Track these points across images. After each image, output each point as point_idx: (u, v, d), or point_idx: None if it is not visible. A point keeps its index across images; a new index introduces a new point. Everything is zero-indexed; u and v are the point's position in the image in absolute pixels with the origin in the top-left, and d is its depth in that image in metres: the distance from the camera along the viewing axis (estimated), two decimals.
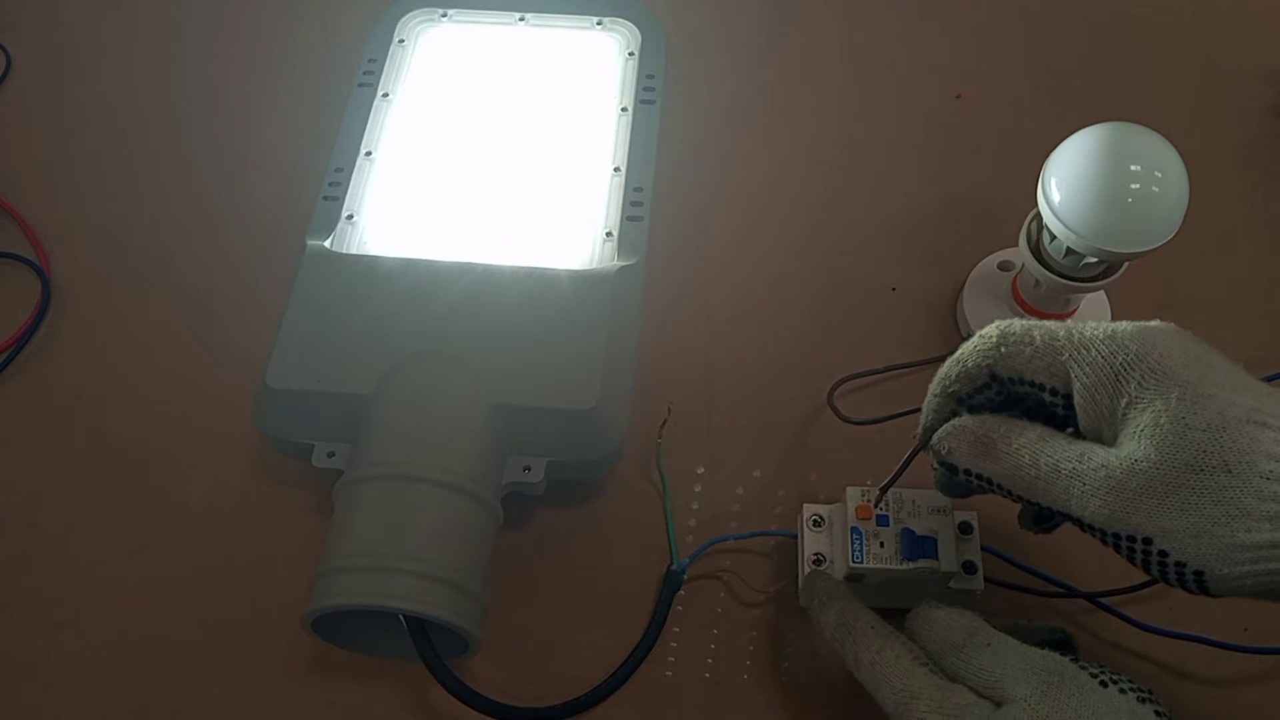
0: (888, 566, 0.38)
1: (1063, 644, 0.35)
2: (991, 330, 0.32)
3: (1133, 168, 0.39)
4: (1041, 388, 0.31)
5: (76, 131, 0.59)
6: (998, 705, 0.31)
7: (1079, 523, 0.30)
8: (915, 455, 0.36)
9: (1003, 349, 0.32)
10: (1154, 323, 0.31)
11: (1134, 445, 0.29)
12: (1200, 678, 0.42)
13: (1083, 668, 0.31)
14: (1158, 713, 0.30)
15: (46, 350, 0.51)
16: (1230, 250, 0.54)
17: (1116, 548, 0.29)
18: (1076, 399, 0.30)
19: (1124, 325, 0.30)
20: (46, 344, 0.52)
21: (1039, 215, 0.43)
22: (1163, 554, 0.28)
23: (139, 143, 0.59)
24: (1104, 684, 0.31)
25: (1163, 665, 0.42)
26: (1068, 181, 0.40)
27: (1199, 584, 0.28)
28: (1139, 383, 0.29)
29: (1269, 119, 0.59)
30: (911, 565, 0.38)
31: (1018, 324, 0.32)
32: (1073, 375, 0.30)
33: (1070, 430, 0.32)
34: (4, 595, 0.44)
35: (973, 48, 0.62)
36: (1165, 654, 0.42)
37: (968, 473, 0.33)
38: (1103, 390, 0.30)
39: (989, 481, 0.33)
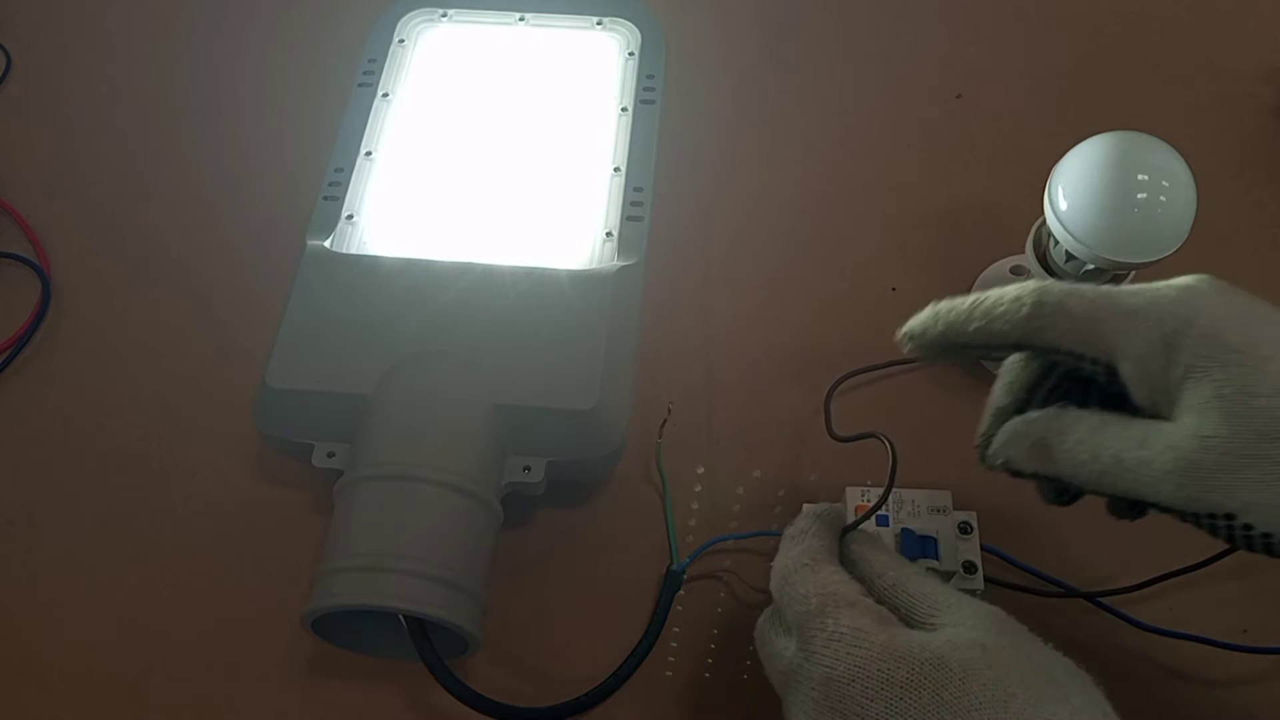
0: None
1: None
2: (1024, 296, 0.30)
3: (1140, 177, 0.39)
4: (1080, 357, 0.30)
5: (76, 131, 0.59)
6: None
7: (1153, 506, 0.29)
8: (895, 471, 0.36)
9: (1035, 323, 0.30)
10: (1189, 280, 0.30)
11: (1199, 420, 0.28)
12: (1200, 678, 0.42)
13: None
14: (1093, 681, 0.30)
15: (46, 350, 0.51)
16: (1231, 251, 0.54)
17: (1197, 524, 0.28)
18: (1128, 371, 0.29)
19: (1164, 290, 0.29)
20: (46, 344, 0.52)
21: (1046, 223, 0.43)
22: (1247, 527, 0.27)
23: (139, 143, 0.59)
24: (1044, 641, 0.30)
25: (1163, 665, 0.42)
26: (1075, 190, 0.40)
27: None
28: (1192, 351, 0.28)
29: (1269, 119, 0.59)
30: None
31: (1053, 291, 0.30)
32: (1120, 346, 0.29)
33: (1130, 407, 0.30)
34: (4, 596, 0.44)
35: (973, 48, 0.62)
36: (1165, 654, 0.42)
37: (1035, 475, 0.32)
38: (1154, 361, 0.29)
39: (1058, 480, 0.32)
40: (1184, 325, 0.28)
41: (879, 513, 0.39)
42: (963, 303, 0.32)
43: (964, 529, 0.40)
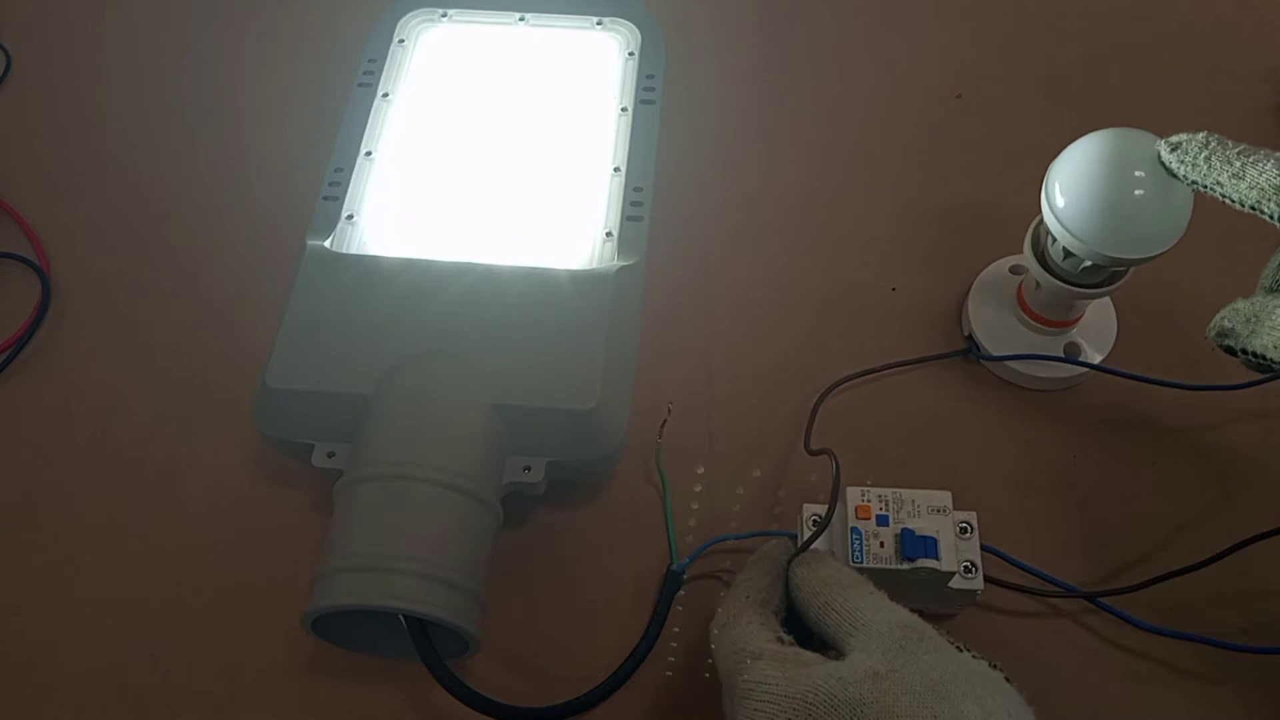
0: (888, 566, 0.38)
1: None
2: None
3: (1137, 174, 0.39)
4: None
5: (76, 131, 0.59)
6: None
7: None
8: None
9: None
10: None
11: None
12: (1200, 678, 0.42)
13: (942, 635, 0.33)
14: (1007, 679, 0.31)
15: (46, 350, 0.51)
16: (1231, 251, 0.54)
17: None
18: None
19: None
20: (46, 344, 0.52)
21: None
22: None
23: (139, 142, 0.59)
24: (959, 649, 0.32)
25: (1163, 665, 0.42)
26: (1072, 187, 0.40)
27: None
28: None
29: (1269, 119, 0.59)
30: (911, 565, 0.38)
31: None
32: None
33: None
34: (3, 595, 0.44)
35: (973, 48, 0.62)
36: (1165, 654, 0.42)
37: (1245, 352, 0.34)
38: None
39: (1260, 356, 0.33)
40: None
41: (878, 513, 0.39)
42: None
43: (964, 529, 0.40)
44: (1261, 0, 0.64)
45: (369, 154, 0.51)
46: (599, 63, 0.55)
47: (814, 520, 0.41)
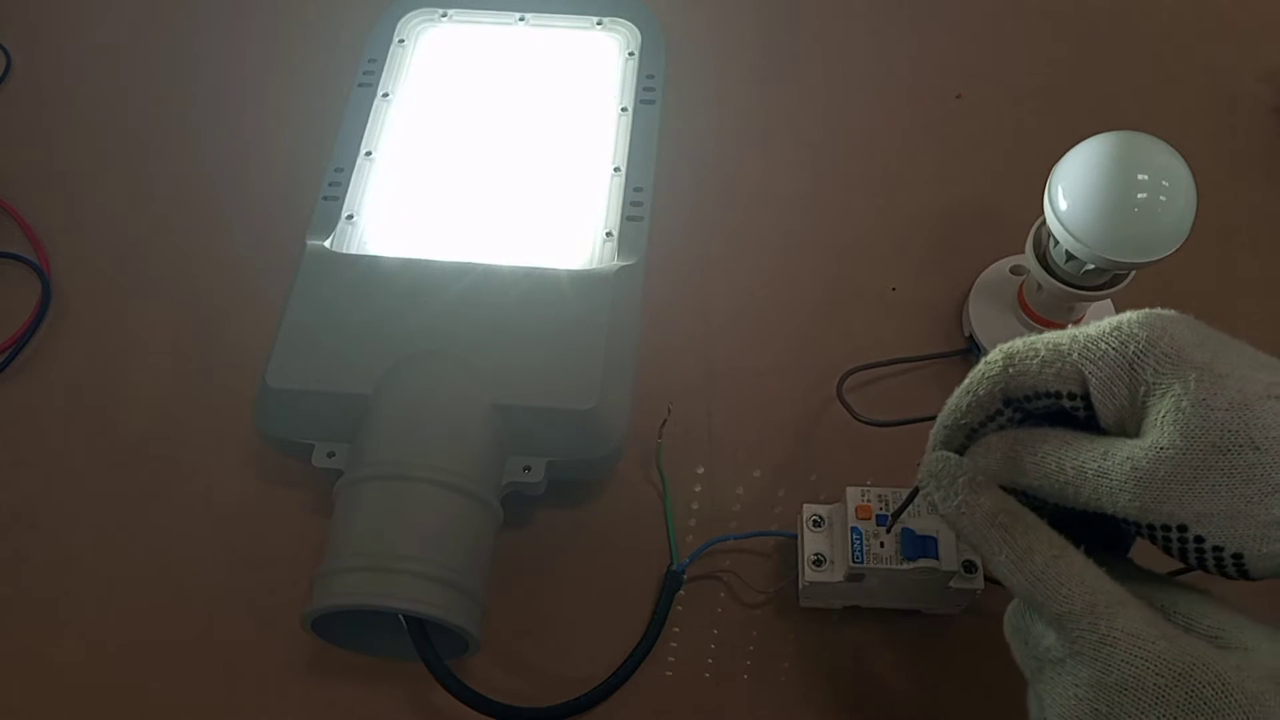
0: (888, 566, 0.38)
1: None
2: (995, 355, 0.32)
3: (1140, 177, 0.39)
4: (1058, 395, 0.31)
5: (76, 131, 0.59)
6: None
7: (1114, 520, 0.29)
8: (917, 493, 0.36)
9: (1010, 369, 0.31)
10: (1157, 310, 0.30)
11: (1157, 433, 0.28)
12: None
13: None
14: None
15: (46, 350, 0.51)
16: (1231, 251, 0.54)
17: (1153, 539, 0.29)
18: (1094, 395, 0.30)
19: (1128, 315, 0.30)
20: (46, 344, 0.52)
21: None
22: (1199, 540, 0.28)
23: (139, 142, 0.59)
24: None
25: None
26: (1074, 190, 0.40)
27: (1239, 567, 0.28)
28: (1154, 369, 0.29)
29: (1269, 119, 0.59)
30: (911, 565, 0.38)
31: (1019, 342, 0.32)
32: (1086, 374, 0.30)
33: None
34: (3, 595, 0.44)
35: (973, 48, 0.62)
36: None
37: (1003, 488, 0.32)
38: (1119, 382, 0.29)
39: (1024, 495, 0.32)
40: (1146, 346, 0.29)
41: (878, 513, 0.39)
42: (945, 408, 0.34)
43: None
44: (1261, 0, 0.64)
45: (369, 154, 0.51)
46: (599, 63, 0.55)
47: (814, 521, 0.41)
